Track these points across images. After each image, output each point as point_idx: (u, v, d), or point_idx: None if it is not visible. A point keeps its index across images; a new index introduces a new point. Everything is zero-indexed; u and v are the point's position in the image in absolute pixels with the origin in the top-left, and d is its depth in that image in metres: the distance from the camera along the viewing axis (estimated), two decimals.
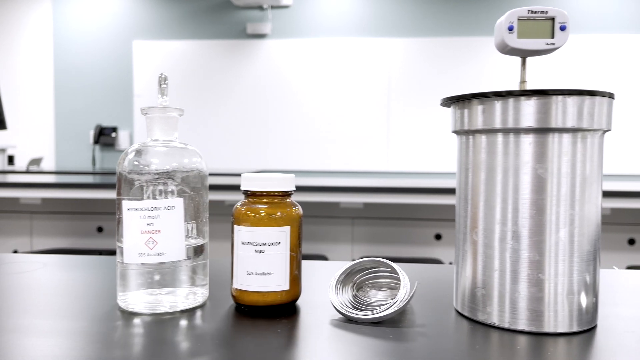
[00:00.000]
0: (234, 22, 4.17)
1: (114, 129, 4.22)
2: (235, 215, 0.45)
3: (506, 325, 0.43)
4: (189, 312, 0.45)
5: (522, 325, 0.42)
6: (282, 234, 0.44)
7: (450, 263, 2.44)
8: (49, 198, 2.35)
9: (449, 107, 0.46)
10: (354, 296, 0.48)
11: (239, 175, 2.93)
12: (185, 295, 0.46)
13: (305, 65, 4.05)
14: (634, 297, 0.53)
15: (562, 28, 0.42)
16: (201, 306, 0.47)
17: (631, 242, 2.14)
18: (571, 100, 0.41)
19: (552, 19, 0.42)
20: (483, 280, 0.44)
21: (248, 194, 0.46)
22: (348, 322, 0.43)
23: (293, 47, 4.09)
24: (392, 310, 0.43)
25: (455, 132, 0.46)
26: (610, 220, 2.12)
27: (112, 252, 2.60)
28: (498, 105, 0.42)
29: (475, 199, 0.44)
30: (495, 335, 0.42)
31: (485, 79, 3.77)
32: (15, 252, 2.33)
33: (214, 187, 2.31)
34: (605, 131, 0.44)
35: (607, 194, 1.97)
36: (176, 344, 0.38)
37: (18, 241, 2.40)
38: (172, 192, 0.45)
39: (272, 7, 4.12)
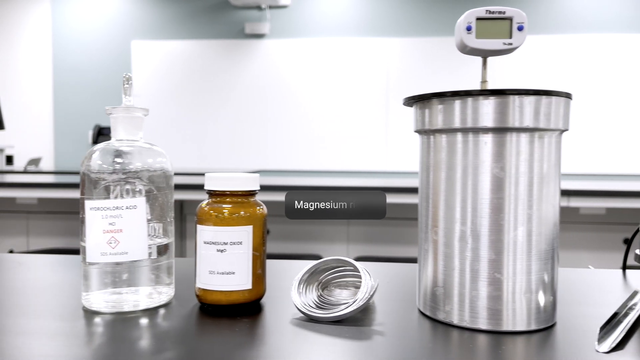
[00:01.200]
0: (232, 22, 4.18)
1: None
2: (199, 215, 0.46)
3: (466, 324, 0.43)
4: (152, 311, 0.45)
5: (482, 324, 0.43)
6: (244, 234, 0.45)
7: None
8: (45, 198, 2.36)
9: (412, 106, 0.47)
10: (320, 295, 0.48)
11: None
12: (148, 294, 0.46)
13: (304, 65, 4.05)
14: (599, 296, 0.53)
15: (520, 28, 0.43)
16: (165, 305, 0.47)
17: (626, 241, 2.13)
18: (528, 100, 0.41)
19: (510, 19, 0.43)
20: (443, 279, 0.44)
21: (212, 193, 0.46)
22: (309, 321, 0.44)
23: (291, 47, 4.09)
24: (351, 309, 0.43)
25: (417, 131, 0.46)
26: (606, 220, 2.12)
27: None
28: (457, 104, 0.42)
29: (436, 198, 0.44)
30: (454, 334, 0.42)
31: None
32: (11, 251, 2.34)
33: None
34: (562, 131, 0.44)
35: (602, 194, 1.97)
36: (133, 343, 0.39)
37: (14, 241, 2.41)
38: (136, 191, 0.45)
39: (271, 7, 4.12)
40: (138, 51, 4.22)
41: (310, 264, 0.49)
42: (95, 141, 4.20)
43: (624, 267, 0.62)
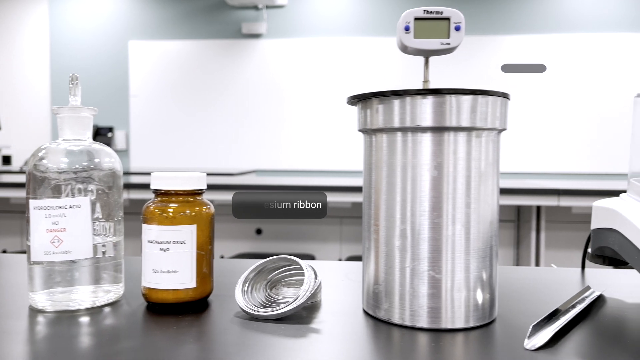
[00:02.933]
0: (229, 22, 4.18)
1: (110, 129, 4.24)
2: (144, 214, 0.46)
3: (407, 323, 0.43)
4: (98, 310, 0.46)
5: (422, 322, 0.43)
6: (187, 233, 0.45)
7: None
8: None
9: (355, 105, 0.47)
10: (267, 294, 0.49)
11: (231, 175, 2.95)
12: (94, 293, 0.46)
13: (301, 64, 4.06)
14: (549, 293, 0.53)
15: (457, 28, 0.43)
16: (113, 303, 0.47)
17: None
18: (465, 100, 0.42)
19: (448, 19, 0.43)
20: (383, 278, 0.44)
21: (157, 192, 0.47)
22: (252, 319, 0.44)
23: (288, 46, 4.09)
24: (291, 308, 0.43)
25: (360, 130, 0.46)
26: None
27: None
28: (396, 104, 0.43)
29: (377, 197, 0.45)
30: (395, 333, 0.42)
31: (482, 77, 3.76)
32: (4, 252, 2.35)
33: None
34: (500, 130, 0.44)
35: (592, 193, 1.96)
36: (74, 341, 0.39)
37: (8, 241, 2.42)
38: (83, 190, 0.46)
39: (267, 7, 4.12)
40: (135, 51, 4.23)
41: (257, 262, 0.49)
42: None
43: (583, 266, 0.62)
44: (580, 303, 0.47)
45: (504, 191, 2.18)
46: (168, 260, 0.45)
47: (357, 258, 2.14)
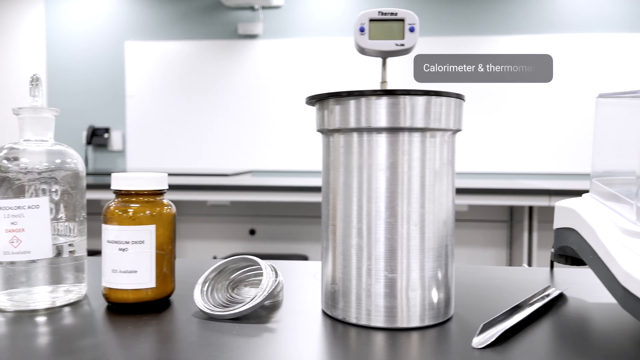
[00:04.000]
0: (225, 22, 4.19)
1: (107, 130, 4.25)
2: (104, 214, 0.46)
3: (363, 322, 0.43)
4: (55, 310, 0.46)
5: (378, 321, 0.43)
6: (146, 233, 0.45)
7: None
8: None
9: (314, 105, 0.47)
10: (230, 294, 0.49)
11: (226, 175, 2.95)
12: (53, 293, 0.47)
13: (297, 65, 4.06)
14: (506, 292, 0.53)
15: (412, 29, 0.43)
16: (74, 303, 0.48)
17: None
18: (419, 101, 0.42)
19: (402, 20, 0.43)
20: (340, 278, 0.44)
21: (117, 193, 0.47)
22: (209, 319, 0.44)
23: (284, 47, 4.09)
24: (247, 307, 0.44)
25: (318, 131, 0.47)
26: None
27: (92, 253, 2.62)
28: (352, 104, 0.43)
29: (335, 197, 0.45)
30: (351, 332, 0.43)
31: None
32: None
33: (197, 188, 2.32)
34: (455, 131, 0.44)
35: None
36: (30, 341, 0.39)
37: None
38: (46, 191, 0.46)
39: (264, 8, 4.13)
40: (132, 52, 4.23)
41: (218, 262, 0.49)
42: (89, 142, 4.22)
43: (552, 266, 0.62)
44: (537, 302, 0.47)
45: (497, 192, 2.18)
46: (127, 260, 0.45)
47: None
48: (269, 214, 2.50)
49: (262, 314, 0.46)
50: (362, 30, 0.43)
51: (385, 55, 0.44)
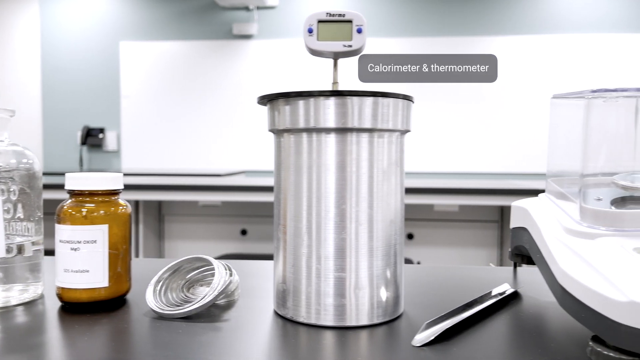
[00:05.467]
0: (220, 22, 4.19)
1: (102, 130, 4.25)
2: (57, 214, 0.47)
3: (312, 321, 0.44)
4: (9, 309, 0.46)
5: (327, 320, 0.43)
6: (98, 233, 0.46)
7: (419, 262, 2.44)
8: None
9: (265, 105, 0.47)
10: (185, 293, 0.49)
11: (219, 176, 2.95)
12: (7, 292, 0.47)
13: (292, 65, 4.06)
14: (462, 291, 0.53)
15: (359, 31, 0.44)
16: (28, 303, 0.48)
17: None
18: (366, 102, 0.42)
19: (350, 21, 0.44)
20: (290, 277, 0.45)
21: (72, 193, 0.47)
22: (160, 318, 0.45)
23: (279, 47, 4.10)
24: (196, 307, 0.44)
25: (270, 131, 0.47)
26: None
27: None
28: (301, 105, 0.43)
29: (285, 197, 0.45)
30: (302, 331, 0.43)
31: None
32: None
33: (189, 188, 2.33)
34: (404, 131, 0.45)
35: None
36: None
37: None
38: (4, 191, 0.47)
39: (258, 8, 4.13)
40: (126, 52, 4.24)
41: (172, 262, 0.50)
42: (84, 142, 4.22)
43: (515, 265, 0.62)
44: (488, 300, 0.48)
45: (488, 192, 2.19)
46: (79, 259, 0.45)
47: None
48: (260, 214, 2.50)
49: (215, 312, 0.47)
50: (310, 31, 0.43)
51: (334, 56, 0.45)
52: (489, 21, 3.81)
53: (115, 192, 0.48)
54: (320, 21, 0.43)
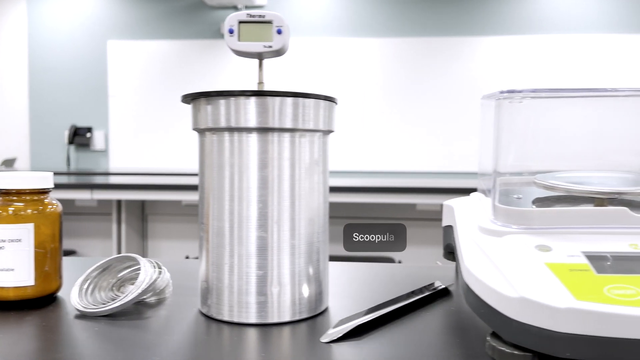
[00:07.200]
0: (208, 22, 4.18)
1: (89, 129, 4.23)
2: None
3: (235, 319, 0.44)
4: None
5: (250, 318, 0.44)
6: (24, 231, 0.46)
7: (400, 261, 2.45)
8: None
9: (189, 104, 0.48)
10: (114, 292, 0.49)
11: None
12: None
13: (280, 64, 4.06)
14: (396, 288, 0.54)
15: (279, 31, 0.44)
16: None
17: None
18: (288, 102, 0.43)
19: (270, 22, 0.44)
20: (213, 276, 0.45)
21: (0, 192, 0.47)
22: (83, 317, 0.45)
23: None
24: (118, 305, 0.44)
25: (194, 129, 0.47)
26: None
27: (66, 253, 2.62)
28: (222, 104, 0.44)
29: (208, 196, 0.46)
30: (225, 330, 0.43)
31: (464, 78, 3.78)
32: None
33: (172, 187, 2.33)
34: (326, 132, 0.45)
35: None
36: None
37: None
38: None
39: (247, 7, 4.13)
40: (114, 51, 4.23)
41: (101, 260, 0.50)
42: (71, 141, 4.21)
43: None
44: (412, 297, 0.48)
45: (471, 191, 2.20)
46: (4, 258, 0.45)
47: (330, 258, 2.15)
48: None
49: (142, 310, 0.47)
50: (231, 32, 0.44)
51: (255, 56, 0.45)
52: (479, 21, 3.82)
53: (44, 191, 0.48)
54: (241, 22, 0.44)
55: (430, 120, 3.75)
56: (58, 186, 2.29)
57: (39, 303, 0.48)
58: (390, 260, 2.44)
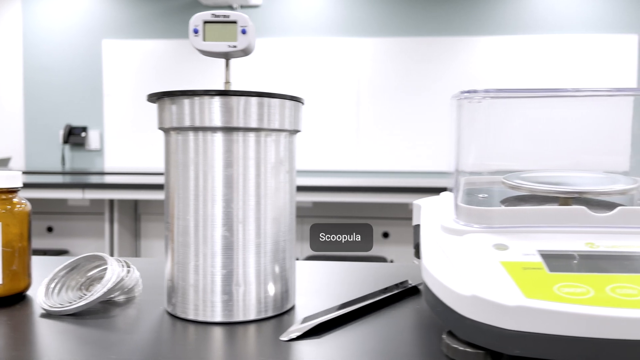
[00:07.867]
0: None
1: (84, 129, 4.23)
2: None
3: (200, 318, 0.44)
4: None
5: (216, 316, 0.44)
6: None
7: (392, 261, 2.46)
8: None
9: (155, 103, 0.48)
10: (83, 292, 0.50)
11: None
12: None
13: (275, 64, 4.06)
14: (367, 287, 0.54)
15: (243, 32, 0.44)
16: None
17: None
18: (252, 102, 0.43)
19: (235, 22, 0.44)
20: (179, 275, 0.45)
21: None
22: (49, 316, 0.45)
23: (263, 46, 4.09)
24: (83, 304, 0.44)
25: (159, 129, 0.48)
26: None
27: (58, 252, 2.62)
28: (186, 104, 0.44)
29: (173, 195, 0.46)
30: (190, 328, 0.43)
31: (456, 78, 3.78)
32: None
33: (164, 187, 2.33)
34: (292, 131, 0.45)
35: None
36: None
37: None
38: None
39: (242, 7, 4.13)
40: (109, 50, 4.22)
41: (70, 260, 0.50)
42: (66, 141, 4.21)
43: None
44: (380, 295, 0.48)
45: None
46: None
47: (316, 257, 2.16)
48: None
49: (109, 309, 0.47)
50: (195, 32, 0.44)
51: (221, 56, 0.45)
52: (475, 21, 3.83)
53: (12, 190, 0.48)
54: (206, 22, 0.44)
55: (428, 120, 3.75)
56: (50, 186, 2.30)
57: (7, 302, 0.48)
58: (382, 259, 2.44)
